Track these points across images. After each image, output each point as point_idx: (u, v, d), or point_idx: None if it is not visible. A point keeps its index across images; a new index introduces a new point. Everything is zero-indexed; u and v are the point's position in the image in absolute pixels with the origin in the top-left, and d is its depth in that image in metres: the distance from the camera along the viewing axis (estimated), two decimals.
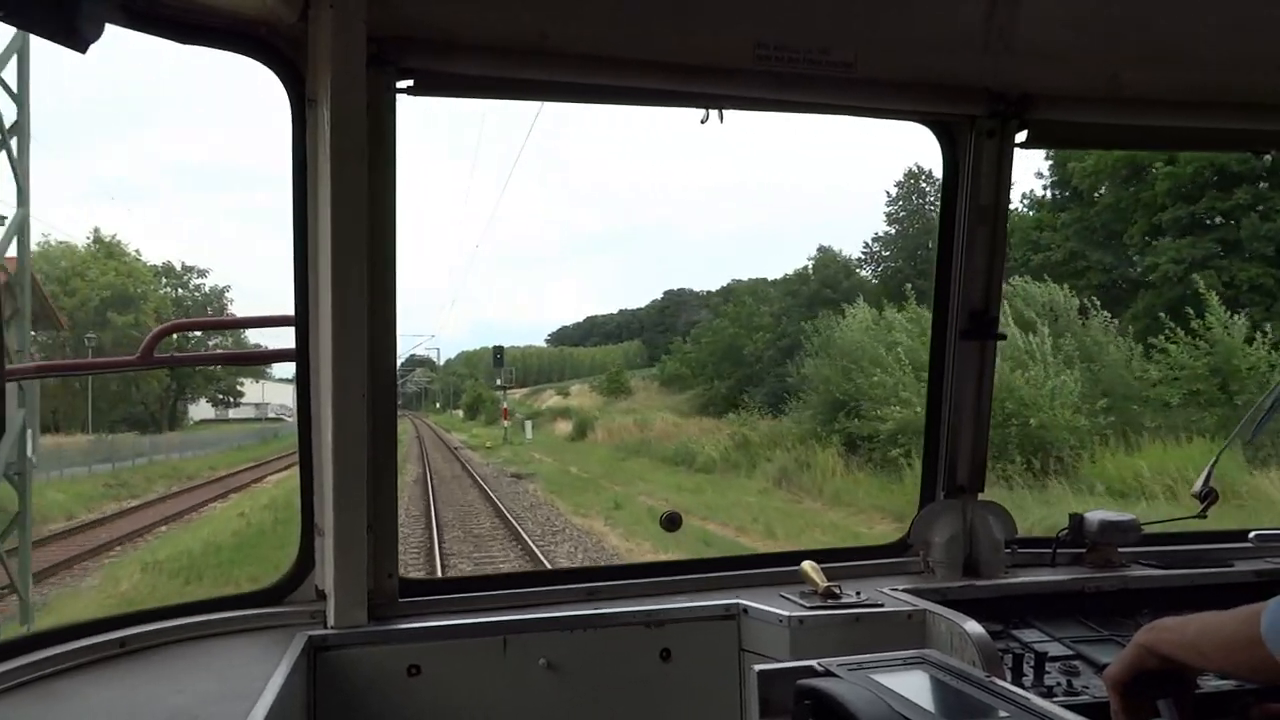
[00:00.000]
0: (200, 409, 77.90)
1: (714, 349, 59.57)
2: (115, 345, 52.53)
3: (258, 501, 27.47)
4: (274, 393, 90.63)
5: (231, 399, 75.00)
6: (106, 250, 58.42)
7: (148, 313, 56.30)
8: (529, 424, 58.00)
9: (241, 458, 47.18)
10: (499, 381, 69.90)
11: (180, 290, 69.65)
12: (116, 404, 55.70)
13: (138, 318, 55.15)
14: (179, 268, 69.54)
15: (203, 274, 71.45)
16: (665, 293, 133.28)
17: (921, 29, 2.89)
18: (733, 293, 72.09)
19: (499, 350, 70.90)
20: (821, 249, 56.84)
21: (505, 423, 58.82)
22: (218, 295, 71.24)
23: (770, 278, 68.19)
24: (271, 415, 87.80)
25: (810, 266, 56.78)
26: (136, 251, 60.04)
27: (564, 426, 58.25)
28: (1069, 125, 3.12)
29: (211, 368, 62.84)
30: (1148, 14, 2.96)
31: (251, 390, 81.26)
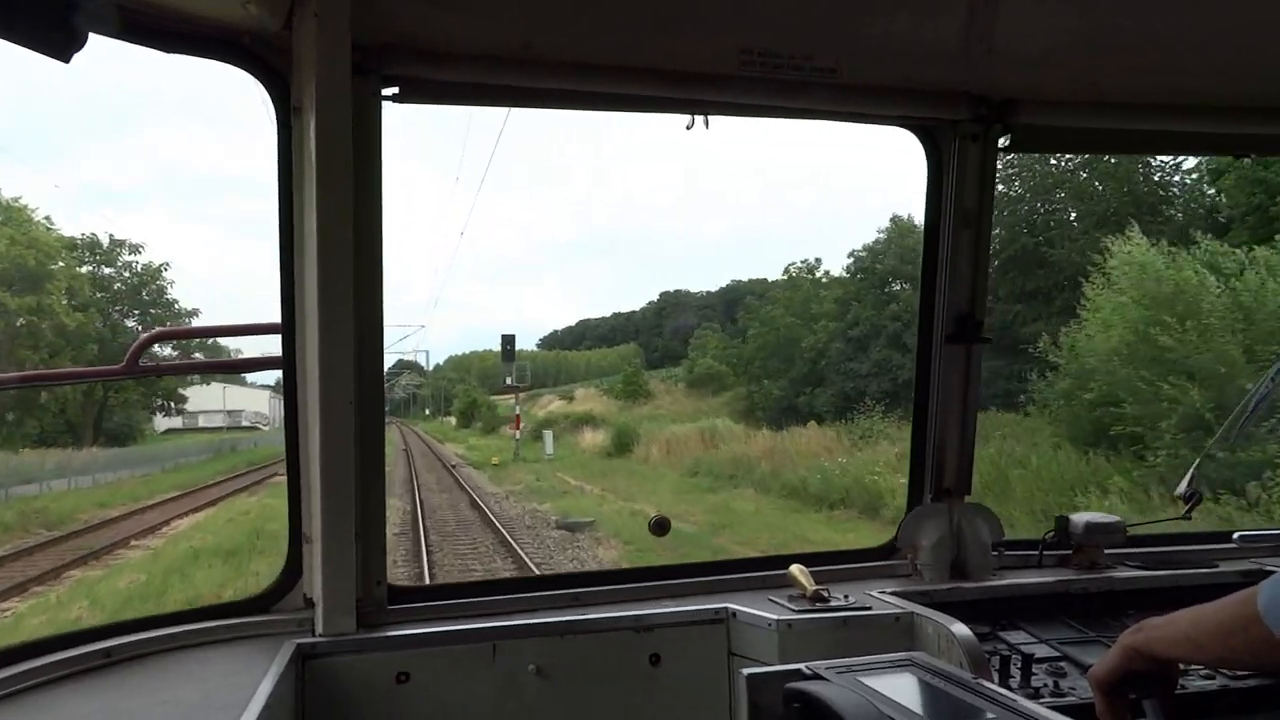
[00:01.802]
0: (167, 417, 69.29)
1: (763, 343, 50.70)
2: (9, 338, 41.70)
3: (59, 617, 13.88)
4: (246, 399, 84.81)
5: (172, 405, 61.11)
6: (4, 214, 44.92)
7: (55, 293, 44.65)
8: (549, 435, 46.10)
9: (165, 484, 34.54)
10: (508, 380, 52.56)
11: (105, 268, 55.26)
12: (27, 412, 42.54)
13: (41, 301, 42.85)
14: (106, 241, 54.83)
15: (136, 249, 55.81)
16: (661, 294, 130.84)
17: (904, 35, 2.91)
18: (779, 280, 58.90)
19: (508, 341, 50.71)
20: (895, 219, 46.87)
21: (517, 433, 46.92)
22: (153, 274, 56.43)
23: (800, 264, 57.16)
24: (245, 423, 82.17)
25: (882, 239, 46.42)
26: (47, 218, 46.95)
27: (592, 437, 47.31)
28: (1051, 129, 3.15)
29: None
30: (1127, 19, 2.99)
31: (201, 396, 71.28)
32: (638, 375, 72.09)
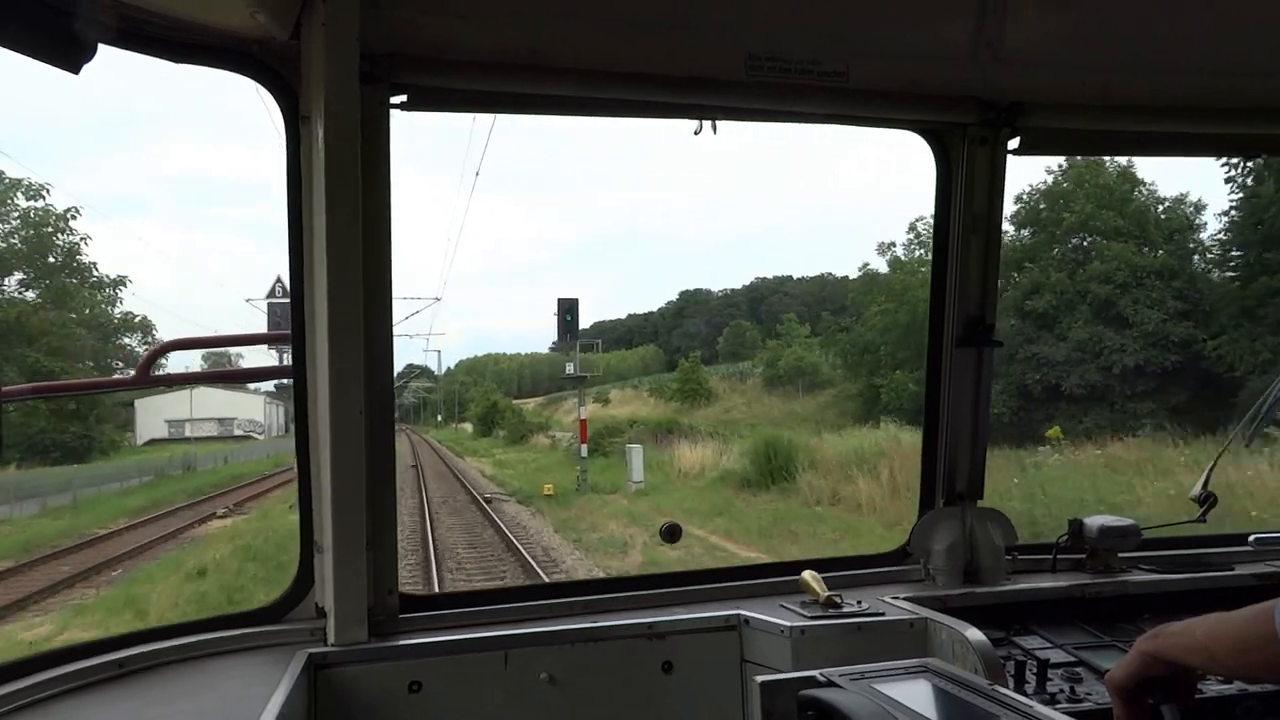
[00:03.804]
0: (150, 427, 62.94)
1: (889, 324, 38.99)
2: None
3: None
4: (239, 405, 75.82)
5: (94, 414, 45.01)
6: None
7: None
8: (637, 451, 29.52)
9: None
10: (569, 369, 35.61)
11: None
12: None
13: None
14: None
15: (38, 193, 40.80)
16: (681, 293, 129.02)
17: (912, 38, 2.91)
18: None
19: (569, 309, 31.20)
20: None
21: (583, 448, 31.53)
22: (58, 223, 41.49)
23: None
24: (239, 432, 74.80)
25: (1051, 181, 34.05)
26: None
27: (693, 455, 31.67)
28: (1061, 132, 3.14)
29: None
30: (1134, 21, 2.98)
31: (170, 404, 61.73)
32: (697, 371, 60.84)
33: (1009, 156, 3.08)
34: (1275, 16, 3.04)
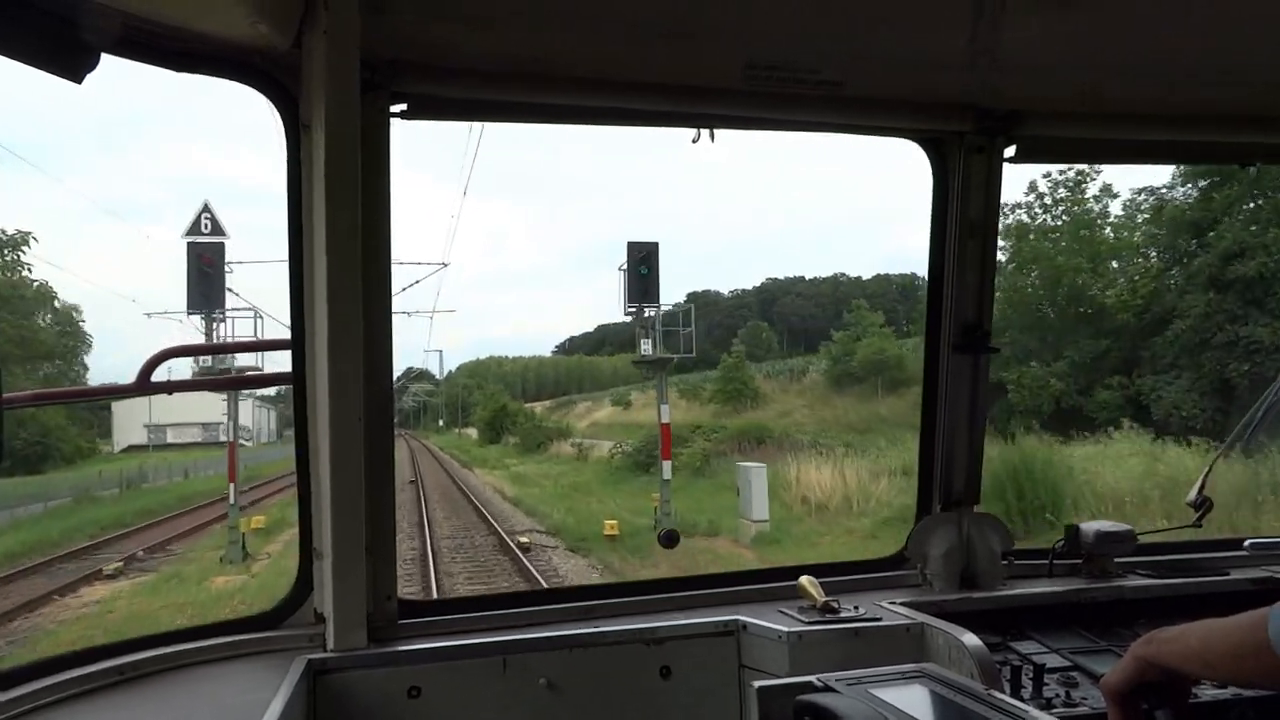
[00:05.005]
0: (129, 432, 59.84)
1: (1017, 300, 31.03)
2: None
3: None
4: (220, 409, 67.39)
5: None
6: None
7: None
8: (758, 474, 20.66)
9: None
10: (644, 349, 23.32)
11: None
12: None
13: None
14: None
15: None
16: (689, 295, 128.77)
17: (909, 47, 2.92)
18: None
19: (644, 258, 21.81)
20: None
21: (666, 467, 21.87)
22: None
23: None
24: (223, 438, 64.90)
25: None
26: None
27: (819, 476, 23.11)
28: (1057, 140, 3.16)
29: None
30: (1130, 30, 3.00)
31: (129, 410, 57.17)
32: (741, 370, 51.76)
33: (1004, 164, 3.10)
34: (1273, 24, 3.06)
